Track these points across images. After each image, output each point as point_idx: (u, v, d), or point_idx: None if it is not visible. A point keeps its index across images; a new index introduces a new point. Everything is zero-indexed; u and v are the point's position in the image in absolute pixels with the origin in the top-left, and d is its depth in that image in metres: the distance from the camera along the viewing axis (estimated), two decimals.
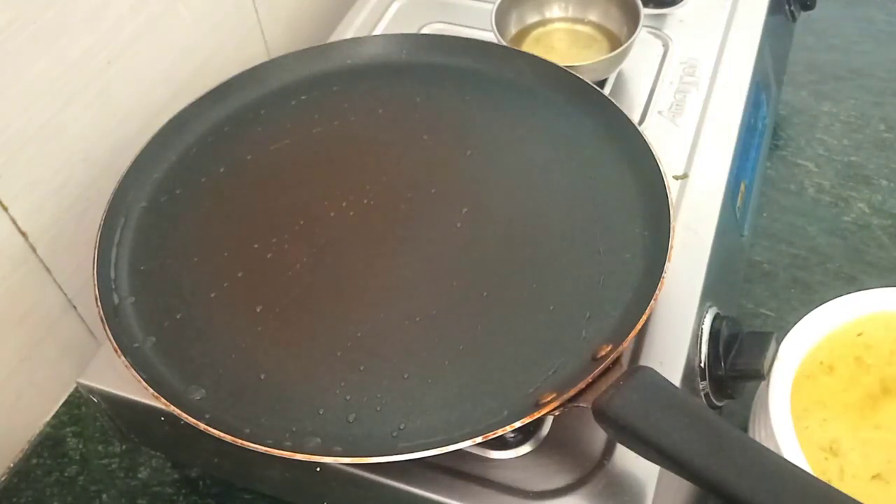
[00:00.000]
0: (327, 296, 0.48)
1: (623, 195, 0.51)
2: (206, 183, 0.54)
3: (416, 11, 0.72)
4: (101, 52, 0.55)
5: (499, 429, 0.39)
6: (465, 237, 0.50)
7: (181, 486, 0.55)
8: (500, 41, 0.63)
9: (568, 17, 0.69)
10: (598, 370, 0.40)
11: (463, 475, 0.43)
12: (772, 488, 0.34)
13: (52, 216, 0.54)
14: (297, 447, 0.40)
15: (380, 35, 0.65)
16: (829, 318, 0.50)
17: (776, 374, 0.47)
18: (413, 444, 0.40)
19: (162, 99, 0.61)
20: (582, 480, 0.42)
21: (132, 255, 0.50)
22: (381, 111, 0.58)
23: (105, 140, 0.57)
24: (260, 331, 0.46)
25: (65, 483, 0.56)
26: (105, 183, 0.53)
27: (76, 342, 0.60)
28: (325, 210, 0.52)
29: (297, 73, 0.60)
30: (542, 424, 0.45)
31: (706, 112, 0.60)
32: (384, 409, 0.43)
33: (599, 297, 0.46)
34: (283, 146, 0.56)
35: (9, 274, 0.52)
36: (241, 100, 0.59)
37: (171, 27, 0.60)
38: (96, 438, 0.58)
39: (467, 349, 0.45)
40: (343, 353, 0.45)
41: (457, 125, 0.57)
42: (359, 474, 0.43)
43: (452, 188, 0.53)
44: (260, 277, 0.49)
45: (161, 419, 0.45)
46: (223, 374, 0.45)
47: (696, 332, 0.48)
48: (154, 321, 0.47)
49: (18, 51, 0.48)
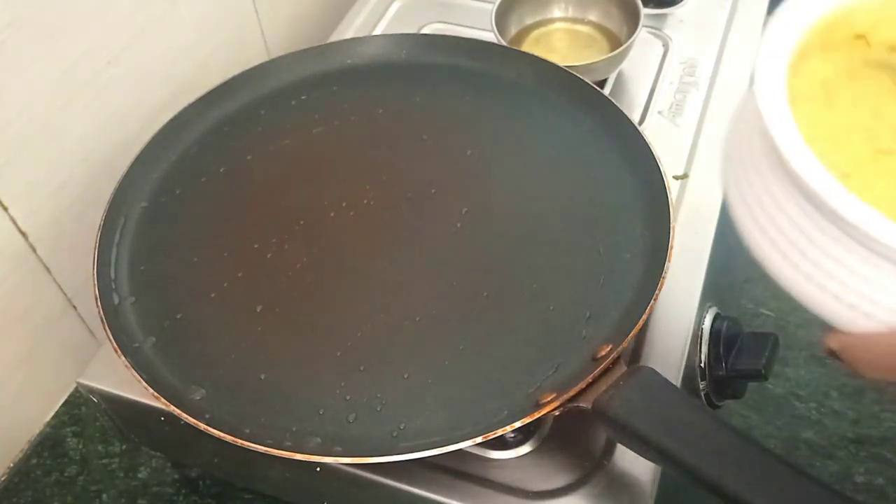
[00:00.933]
0: (327, 296, 0.48)
1: (623, 195, 0.51)
2: (206, 183, 0.54)
3: (416, 11, 0.72)
4: (101, 52, 0.55)
5: (499, 429, 0.39)
6: (465, 237, 0.50)
7: (181, 486, 0.55)
8: (500, 41, 0.63)
9: (568, 17, 0.69)
10: (598, 370, 0.40)
11: (463, 475, 0.43)
12: (772, 488, 0.34)
13: (52, 216, 0.54)
14: (297, 447, 0.40)
15: (380, 35, 0.65)
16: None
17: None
18: (413, 444, 0.40)
19: (162, 99, 0.61)
20: (582, 480, 0.43)
21: (132, 255, 0.50)
22: (381, 111, 0.58)
23: (105, 140, 0.57)
24: (260, 331, 0.46)
25: (65, 483, 0.56)
26: (105, 183, 0.53)
27: (76, 342, 0.60)
28: (325, 210, 0.52)
29: (297, 73, 0.60)
30: (542, 424, 0.45)
31: (706, 112, 0.61)
32: (384, 409, 0.43)
33: (599, 297, 0.46)
34: (283, 146, 0.56)
35: (9, 274, 0.52)
36: (241, 100, 0.59)
37: (171, 27, 0.60)
38: (96, 438, 0.58)
39: (467, 349, 0.45)
40: (343, 353, 0.45)
41: (457, 125, 0.57)
42: (359, 474, 0.43)
43: (452, 188, 0.53)
44: (260, 277, 0.49)
45: (161, 419, 0.45)
46: (223, 374, 0.45)
47: (696, 332, 0.48)
48: (154, 321, 0.47)
49: (18, 51, 0.48)
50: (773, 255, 0.32)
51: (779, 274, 0.32)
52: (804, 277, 0.31)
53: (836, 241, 0.29)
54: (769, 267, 0.33)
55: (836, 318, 0.31)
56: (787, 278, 0.32)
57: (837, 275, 0.30)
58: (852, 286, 0.30)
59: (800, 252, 0.31)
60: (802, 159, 0.29)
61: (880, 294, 0.29)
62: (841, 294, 0.30)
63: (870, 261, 0.29)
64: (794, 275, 0.32)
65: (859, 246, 0.29)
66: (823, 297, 0.31)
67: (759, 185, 0.33)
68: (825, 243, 0.30)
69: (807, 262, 0.31)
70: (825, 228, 0.30)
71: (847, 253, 0.29)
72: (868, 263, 0.29)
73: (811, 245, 0.30)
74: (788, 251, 0.31)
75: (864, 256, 0.29)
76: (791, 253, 0.31)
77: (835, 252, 0.30)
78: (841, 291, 0.30)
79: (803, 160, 0.29)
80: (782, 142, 0.30)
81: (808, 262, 0.31)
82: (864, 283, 0.29)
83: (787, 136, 0.30)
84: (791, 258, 0.31)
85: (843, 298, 0.30)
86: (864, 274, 0.29)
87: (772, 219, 0.32)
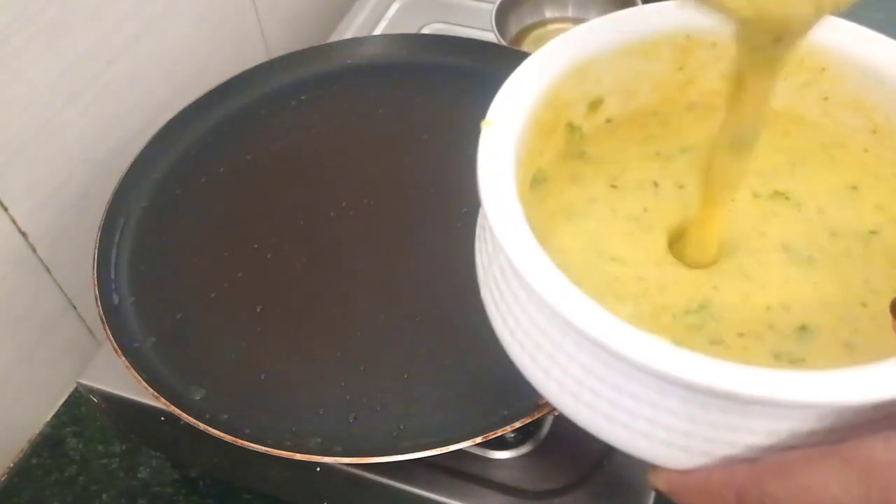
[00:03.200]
0: (327, 296, 0.48)
1: None
2: (206, 183, 0.54)
3: (416, 11, 0.72)
4: (101, 52, 0.55)
5: (499, 429, 0.39)
6: (465, 237, 0.50)
7: (181, 486, 0.55)
8: (500, 41, 0.63)
9: (568, 18, 0.69)
10: None
11: (463, 475, 0.43)
12: None
13: (52, 216, 0.54)
14: (297, 447, 0.40)
15: (380, 35, 0.65)
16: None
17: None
18: (413, 444, 0.40)
19: (162, 99, 0.61)
20: (582, 480, 0.42)
21: (132, 255, 0.50)
22: (381, 111, 0.58)
23: (105, 140, 0.57)
24: (260, 331, 0.46)
25: (65, 483, 0.56)
26: (105, 183, 0.53)
27: (76, 342, 0.60)
28: (325, 210, 0.52)
29: (297, 73, 0.60)
30: (542, 424, 0.45)
31: None
32: (384, 409, 0.43)
33: None
34: (283, 146, 0.56)
35: (9, 274, 0.52)
36: (241, 100, 0.59)
37: (171, 27, 0.60)
38: (96, 438, 0.58)
39: (467, 349, 0.45)
40: (343, 353, 0.45)
41: (457, 125, 0.57)
42: (359, 474, 0.43)
43: (452, 188, 0.53)
44: (260, 277, 0.49)
45: (161, 419, 0.45)
46: (223, 374, 0.45)
47: None
48: (154, 321, 0.47)
49: (18, 51, 0.48)
50: (550, 385, 0.29)
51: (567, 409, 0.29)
52: (602, 417, 0.28)
53: (614, 370, 0.26)
54: (553, 401, 0.29)
55: (655, 457, 0.27)
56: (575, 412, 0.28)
57: (633, 409, 0.26)
58: (655, 419, 0.26)
59: (579, 384, 0.28)
60: (547, 282, 0.26)
61: (687, 424, 0.26)
62: (649, 432, 0.26)
63: (655, 388, 0.26)
64: (585, 410, 0.28)
65: (645, 376, 0.25)
66: (632, 436, 0.27)
67: (514, 305, 0.30)
68: (604, 374, 0.27)
69: (588, 394, 0.27)
70: (593, 354, 0.26)
71: (639, 386, 0.26)
72: (654, 391, 0.26)
73: (588, 375, 0.27)
74: (566, 383, 0.28)
75: (654, 386, 0.25)
76: (570, 385, 0.28)
77: (620, 383, 0.26)
78: (648, 429, 0.26)
79: (548, 282, 0.26)
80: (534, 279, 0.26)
81: (589, 394, 0.27)
82: (663, 414, 0.26)
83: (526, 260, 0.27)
84: (573, 392, 0.28)
85: (653, 436, 0.27)
86: (657, 404, 0.26)
87: (535, 341, 0.29)
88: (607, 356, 0.26)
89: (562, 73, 0.34)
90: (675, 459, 0.27)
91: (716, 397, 0.24)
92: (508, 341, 0.31)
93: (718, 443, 0.26)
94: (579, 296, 0.26)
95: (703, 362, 0.24)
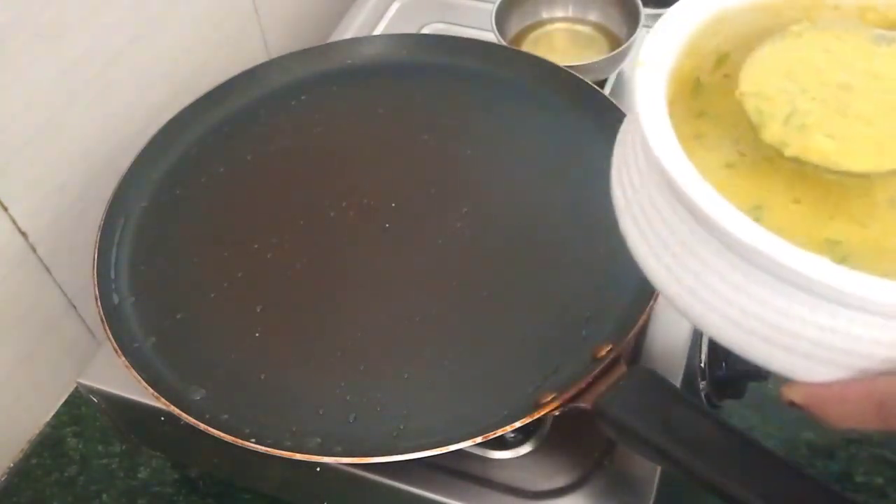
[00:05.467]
0: (327, 296, 0.48)
1: None
2: (206, 183, 0.54)
3: (416, 11, 0.72)
4: (101, 52, 0.55)
5: (499, 429, 0.39)
6: (465, 237, 0.50)
7: (181, 486, 0.55)
8: (500, 41, 0.63)
9: (568, 17, 0.69)
10: (598, 370, 0.40)
11: (463, 475, 0.43)
12: (772, 488, 0.34)
13: (52, 216, 0.54)
14: (297, 447, 0.40)
15: (380, 35, 0.65)
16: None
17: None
18: (413, 444, 0.40)
19: (162, 99, 0.61)
20: (582, 480, 0.43)
21: (132, 255, 0.50)
22: (381, 111, 0.58)
23: (105, 140, 0.57)
24: (260, 331, 0.46)
25: (65, 483, 0.56)
26: (105, 183, 0.53)
27: (76, 342, 0.60)
28: (325, 210, 0.52)
29: (297, 73, 0.60)
30: (542, 424, 0.45)
31: None
32: (384, 409, 0.43)
33: (599, 297, 0.46)
34: (283, 146, 0.56)
35: (9, 274, 0.52)
36: (241, 100, 0.59)
37: (171, 27, 0.60)
38: (96, 438, 0.58)
39: (467, 349, 0.45)
40: (343, 352, 0.45)
41: (457, 125, 0.57)
42: (359, 474, 0.43)
43: (452, 188, 0.53)
44: (260, 277, 0.49)
45: (161, 419, 0.45)
46: (223, 374, 0.45)
47: (696, 332, 0.48)
48: (154, 321, 0.47)
49: (18, 51, 0.48)
50: (693, 303, 0.28)
51: (710, 326, 0.28)
52: (745, 333, 0.27)
53: (763, 286, 0.26)
54: (695, 319, 0.29)
55: (793, 371, 0.27)
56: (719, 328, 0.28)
57: (778, 323, 0.26)
58: (801, 333, 0.26)
59: (726, 301, 0.27)
60: (707, 198, 0.26)
61: (832, 337, 0.26)
62: (792, 345, 0.27)
63: (806, 303, 0.26)
64: (729, 327, 0.28)
65: (797, 290, 0.25)
66: (771, 350, 0.27)
67: (663, 229, 0.29)
68: (753, 290, 0.26)
69: (735, 310, 0.27)
70: (746, 271, 0.26)
71: (787, 300, 0.26)
72: (805, 305, 0.26)
73: (737, 293, 0.27)
74: (713, 301, 0.28)
75: (806, 300, 0.26)
76: (717, 303, 0.27)
77: (768, 298, 0.26)
78: (791, 343, 0.27)
79: (708, 199, 0.26)
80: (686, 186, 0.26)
81: (736, 310, 0.27)
82: (810, 328, 0.26)
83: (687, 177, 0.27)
84: (719, 309, 0.28)
85: (796, 349, 0.27)
86: (805, 318, 0.26)
87: (683, 264, 0.28)
88: (760, 273, 0.26)
89: (704, 23, 0.33)
90: (814, 373, 0.27)
91: (867, 312, 0.25)
92: (654, 266, 0.30)
93: (856, 355, 0.26)
94: (740, 215, 0.26)
95: (864, 278, 0.24)
